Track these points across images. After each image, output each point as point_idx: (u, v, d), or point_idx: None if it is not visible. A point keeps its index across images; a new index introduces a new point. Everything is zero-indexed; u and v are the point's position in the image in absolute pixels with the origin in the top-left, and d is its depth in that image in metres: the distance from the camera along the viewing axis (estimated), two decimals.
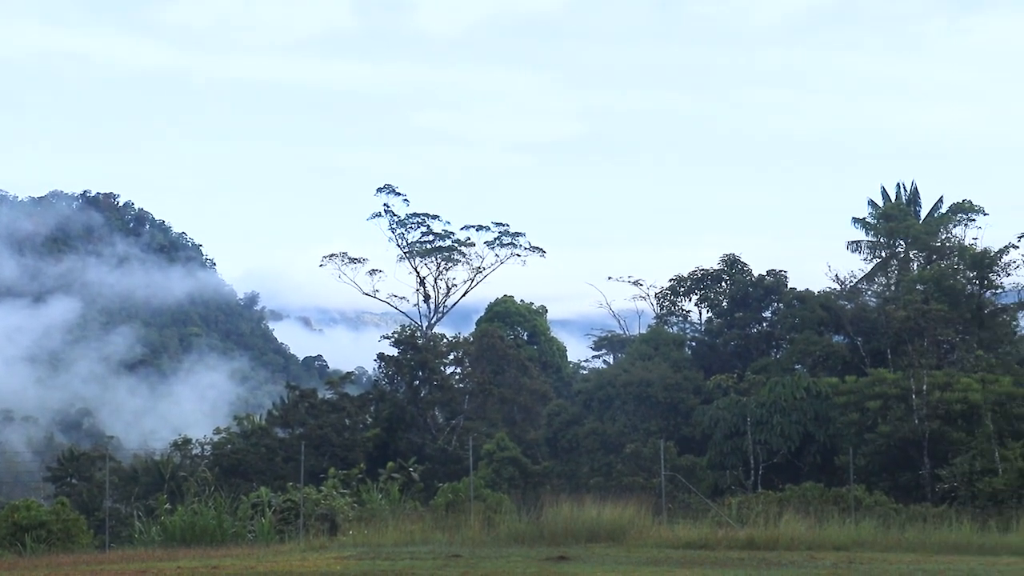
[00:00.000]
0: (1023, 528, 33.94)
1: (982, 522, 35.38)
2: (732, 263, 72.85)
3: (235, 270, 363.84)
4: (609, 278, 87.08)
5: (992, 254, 67.53)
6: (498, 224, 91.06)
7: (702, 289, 74.09)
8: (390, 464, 57.18)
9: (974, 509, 40.95)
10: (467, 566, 26.14)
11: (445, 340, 77.44)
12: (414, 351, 70.32)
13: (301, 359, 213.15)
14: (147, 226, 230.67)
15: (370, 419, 68.77)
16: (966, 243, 75.76)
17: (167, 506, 44.45)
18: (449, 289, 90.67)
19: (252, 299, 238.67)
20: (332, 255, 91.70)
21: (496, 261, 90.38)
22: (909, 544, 32.56)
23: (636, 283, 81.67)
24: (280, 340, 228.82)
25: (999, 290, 69.74)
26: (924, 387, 55.32)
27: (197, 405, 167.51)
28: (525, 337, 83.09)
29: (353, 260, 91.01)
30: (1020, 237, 59.53)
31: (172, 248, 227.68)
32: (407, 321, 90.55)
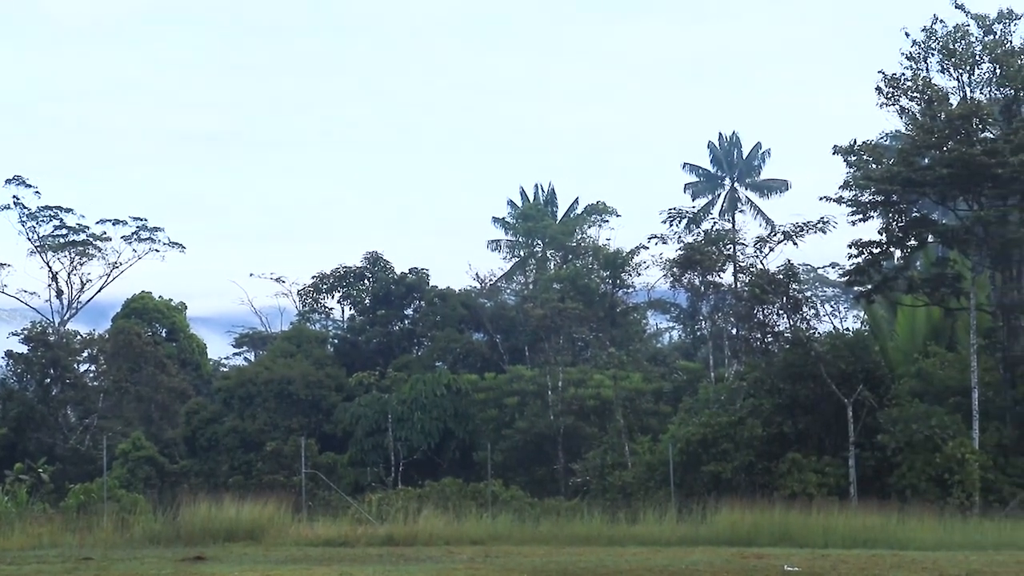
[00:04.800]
0: (649, 520, 35.18)
1: (612, 514, 36.51)
2: (375, 261, 73.17)
3: None
4: (251, 275, 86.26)
5: (624, 255, 70.02)
6: (136, 219, 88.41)
7: (345, 287, 74.16)
8: (18, 465, 54.95)
9: (604, 502, 42.25)
10: (98, 569, 25.29)
11: (79, 337, 74.83)
12: (45, 348, 67.73)
13: None
14: None
15: None
16: (600, 243, 78.51)
17: None
18: (84, 285, 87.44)
19: None
20: None
21: (134, 256, 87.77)
22: (543, 537, 33.32)
23: (279, 280, 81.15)
24: None
25: (630, 289, 72.50)
26: (560, 383, 56.92)
27: None
28: (164, 334, 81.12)
29: None
30: (650, 238, 61.83)
31: None
32: (38, 317, 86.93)
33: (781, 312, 45.94)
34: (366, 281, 73.21)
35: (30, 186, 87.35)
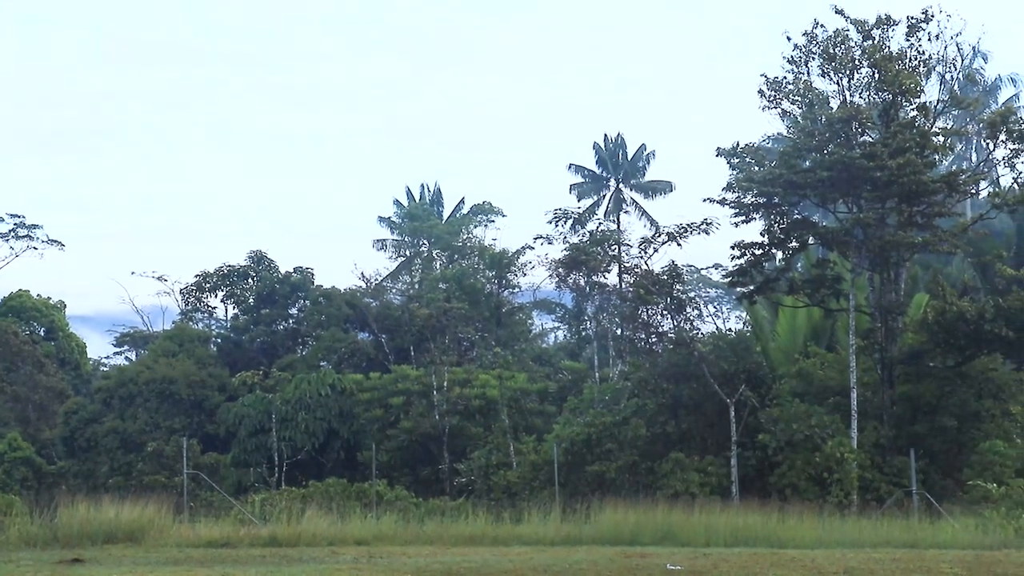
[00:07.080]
0: (534, 519, 35.30)
1: (496, 514, 36.58)
2: (259, 260, 72.53)
3: None
4: (133, 273, 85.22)
5: (510, 255, 70.18)
6: (13, 215, 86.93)
7: (228, 285, 73.41)
8: None
9: (489, 502, 42.30)
10: None
11: None
12: None
13: None
14: None
15: None
16: (486, 243, 78.65)
17: None
18: None
19: None
20: None
21: (11, 254, 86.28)
22: (427, 537, 33.30)
23: (160, 279, 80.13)
24: None
25: (516, 289, 72.68)
26: (445, 383, 56.87)
27: None
28: (42, 333, 79.82)
29: None
30: (536, 239, 62.06)
31: None
32: None
33: (665, 312, 46.33)
34: (250, 280, 72.53)
35: None
